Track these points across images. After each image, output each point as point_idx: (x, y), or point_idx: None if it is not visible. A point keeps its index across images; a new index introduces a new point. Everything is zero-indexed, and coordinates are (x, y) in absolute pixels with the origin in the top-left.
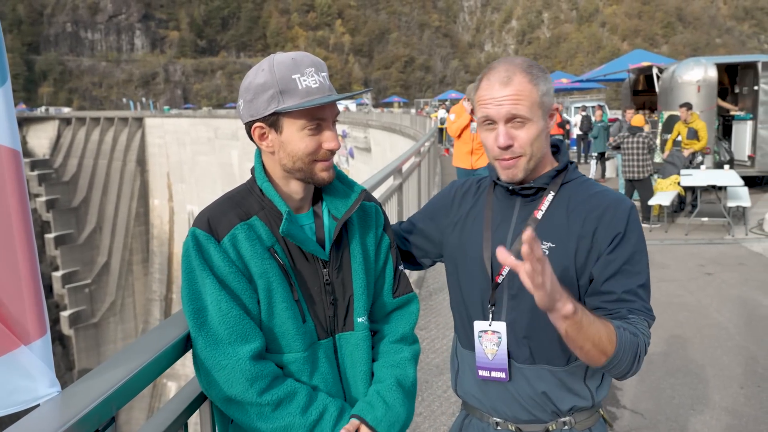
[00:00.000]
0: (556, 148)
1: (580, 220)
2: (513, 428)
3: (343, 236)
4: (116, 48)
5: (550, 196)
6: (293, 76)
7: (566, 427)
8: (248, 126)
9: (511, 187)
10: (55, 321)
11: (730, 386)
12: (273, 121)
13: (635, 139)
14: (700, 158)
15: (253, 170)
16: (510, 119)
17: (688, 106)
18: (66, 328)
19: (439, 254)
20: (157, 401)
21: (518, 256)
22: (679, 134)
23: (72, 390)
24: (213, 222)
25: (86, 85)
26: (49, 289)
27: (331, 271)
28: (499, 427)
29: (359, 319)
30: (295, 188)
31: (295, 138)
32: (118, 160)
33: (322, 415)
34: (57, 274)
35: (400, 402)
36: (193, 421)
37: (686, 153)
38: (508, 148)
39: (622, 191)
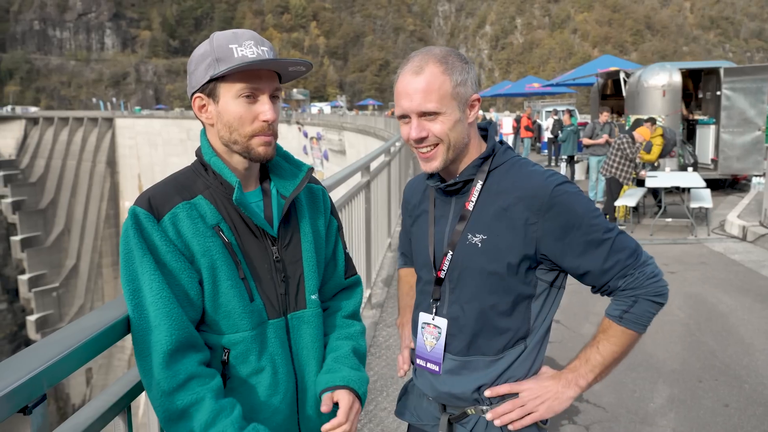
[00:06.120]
0: (486, 132)
1: (510, 208)
2: (438, 405)
3: (291, 215)
4: (86, 47)
5: (478, 186)
6: (230, 46)
7: (483, 416)
8: (192, 99)
9: (437, 187)
10: (21, 326)
11: (689, 380)
12: (210, 90)
13: (617, 140)
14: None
15: (198, 150)
16: (422, 114)
17: (653, 121)
18: (33, 333)
19: None
20: None
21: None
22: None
23: (2, 365)
24: (154, 201)
25: (54, 84)
26: (15, 293)
27: (281, 248)
28: (430, 399)
29: (312, 297)
30: (238, 161)
31: (230, 107)
32: (87, 161)
33: None
34: (23, 278)
35: (358, 366)
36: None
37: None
38: (422, 140)
39: (593, 193)
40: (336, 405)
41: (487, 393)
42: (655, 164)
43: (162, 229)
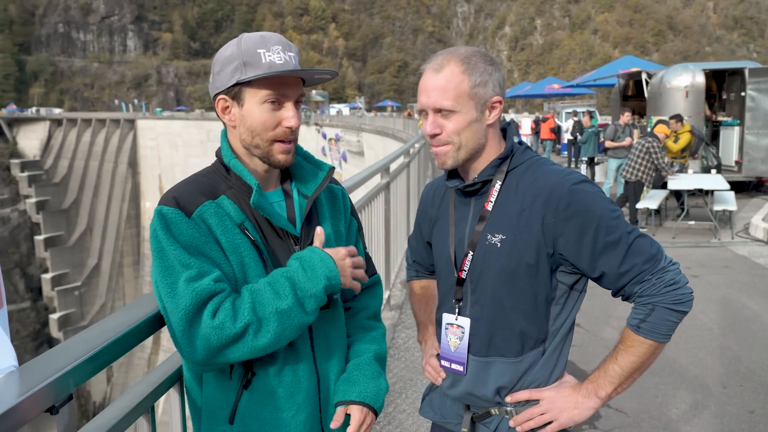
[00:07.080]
0: (505, 133)
1: (528, 207)
2: (462, 404)
3: (312, 215)
4: (108, 49)
5: (497, 186)
6: (258, 51)
7: (507, 417)
8: (214, 100)
9: (456, 187)
10: (44, 324)
11: (713, 386)
12: (235, 93)
13: (642, 142)
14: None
15: (218, 151)
16: (437, 110)
17: (678, 118)
18: (55, 331)
19: None
20: None
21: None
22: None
23: (30, 365)
24: (180, 200)
25: (78, 86)
26: (38, 291)
27: (303, 247)
28: (454, 399)
29: (334, 296)
30: (257, 163)
31: (254, 112)
32: (109, 161)
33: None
34: (46, 277)
35: (379, 374)
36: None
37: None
38: (434, 136)
39: (607, 193)
40: (349, 416)
41: (508, 399)
42: (684, 163)
43: (194, 223)
